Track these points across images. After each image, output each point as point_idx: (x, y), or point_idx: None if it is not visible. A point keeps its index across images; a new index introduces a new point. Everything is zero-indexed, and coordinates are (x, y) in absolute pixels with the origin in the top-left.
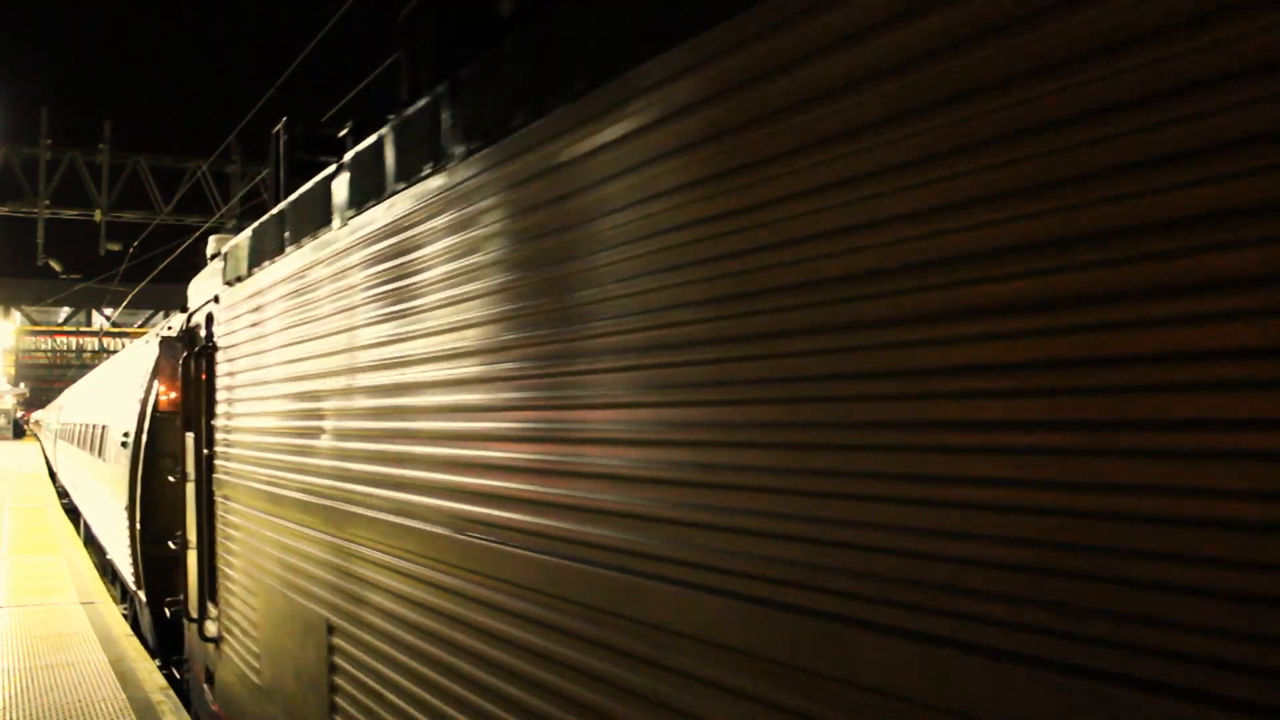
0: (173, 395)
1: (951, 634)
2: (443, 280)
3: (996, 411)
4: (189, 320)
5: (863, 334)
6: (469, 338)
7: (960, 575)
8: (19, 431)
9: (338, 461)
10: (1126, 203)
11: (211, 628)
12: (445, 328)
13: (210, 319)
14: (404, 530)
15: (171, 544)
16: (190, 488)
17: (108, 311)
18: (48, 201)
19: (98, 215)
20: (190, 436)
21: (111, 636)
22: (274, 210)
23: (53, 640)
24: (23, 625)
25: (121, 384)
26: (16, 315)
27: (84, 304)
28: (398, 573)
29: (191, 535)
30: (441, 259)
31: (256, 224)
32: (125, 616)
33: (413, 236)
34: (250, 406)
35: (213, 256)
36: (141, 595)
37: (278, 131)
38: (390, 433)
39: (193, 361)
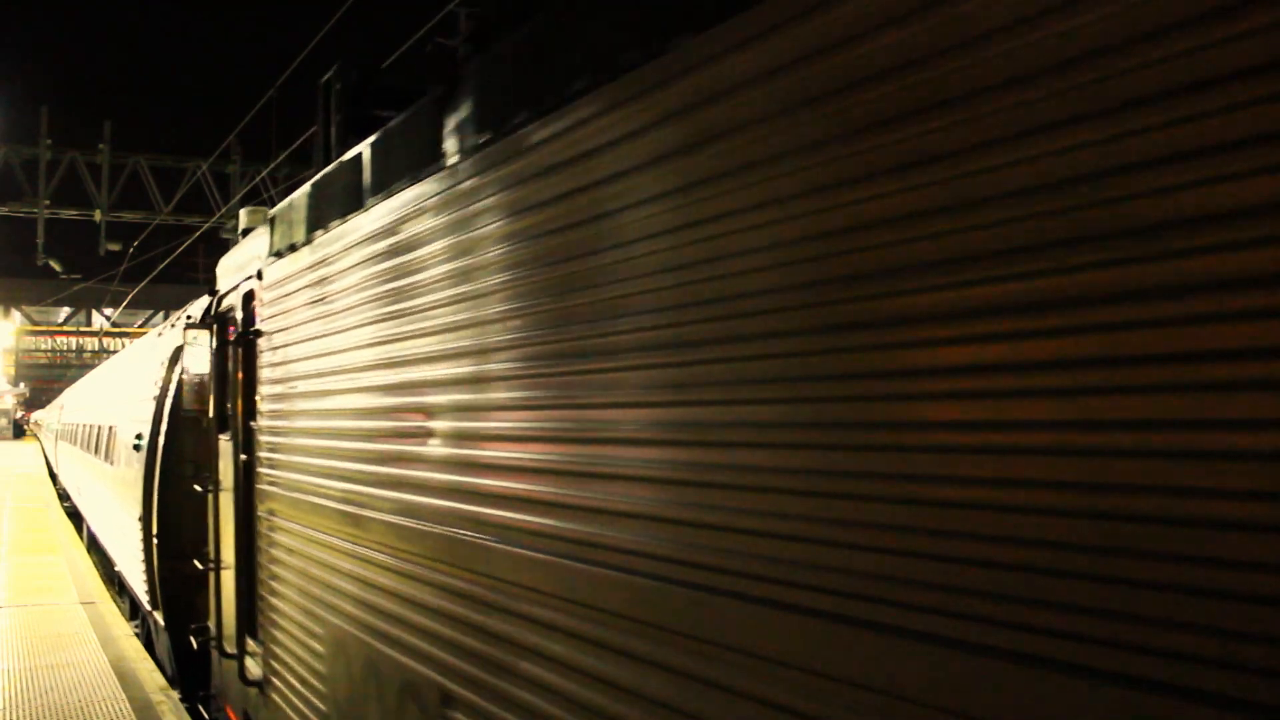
0: (198, 392)
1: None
2: (672, 220)
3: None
4: (218, 304)
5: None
6: (722, 292)
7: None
8: (19, 431)
9: (468, 477)
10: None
11: (254, 668)
12: (671, 284)
13: (249, 300)
14: (582, 577)
15: (198, 563)
16: (224, 499)
17: (108, 311)
18: (48, 201)
19: (98, 215)
20: (223, 440)
21: (111, 636)
22: (346, 156)
23: (53, 640)
24: (23, 625)
25: (132, 381)
26: (16, 315)
27: (84, 304)
28: (575, 637)
29: (228, 554)
30: (670, 189)
31: (317, 178)
32: (136, 634)
33: (609, 165)
34: (313, 404)
35: (244, 231)
36: (158, 618)
37: (328, 80)
38: (572, 435)
39: (229, 351)
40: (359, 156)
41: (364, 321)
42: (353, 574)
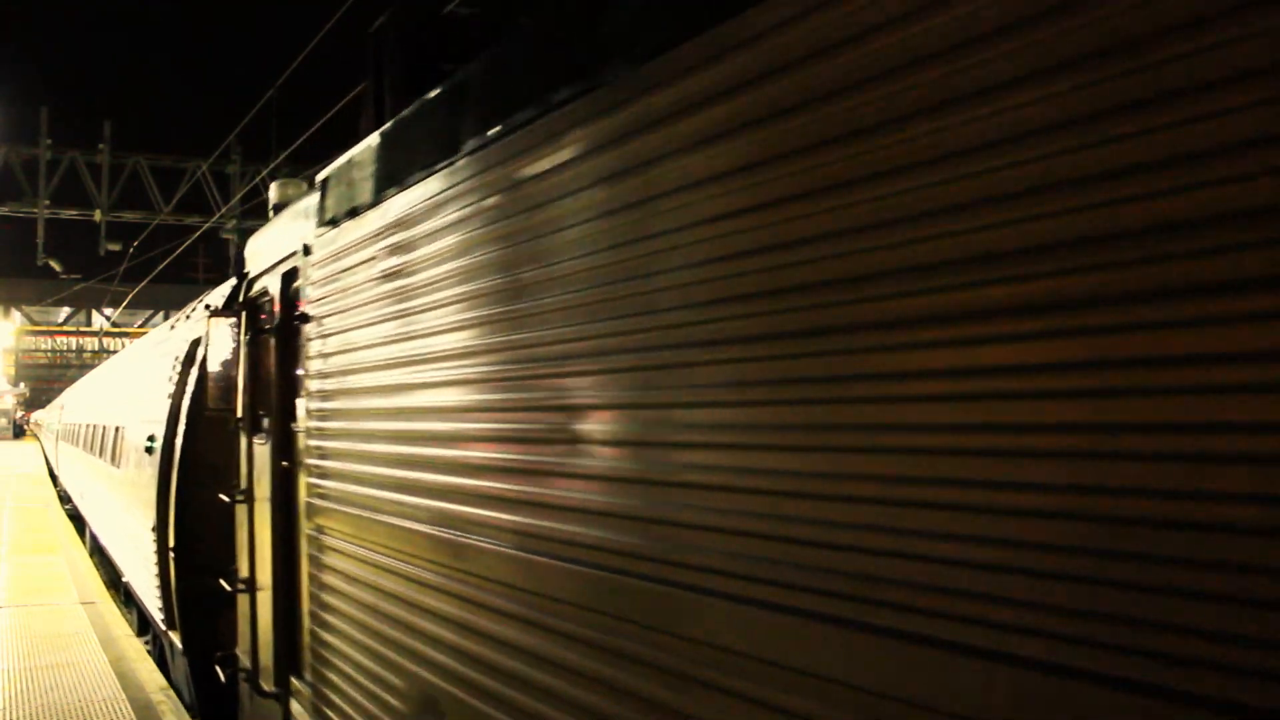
0: (223, 388)
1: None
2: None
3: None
4: (248, 288)
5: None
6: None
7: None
8: (19, 432)
9: (650, 500)
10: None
11: (302, 714)
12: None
13: (290, 281)
14: (848, 645)
15: (225, 584)
16: (259, 511)
17: (108, 311)
18: (48, 201)
19: (98, 215)
20: (258, 444)
21: (111, 636)
22: (432, 95)
23: (53, 640)
24: (23, 625)
25: (142, 378)
26: (16, 315)
27: (84, 304)
28: None
29: (264, 575)
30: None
31: (388, 127)
32: (150, 652)
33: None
34: (387, 400)
35: (276, 207)
36: (175, 639)
37: (381, 27)
38: (833, 440)
39: (264, 341)
40: (457, 89)
41: (467, 295)
42: (451, 618)
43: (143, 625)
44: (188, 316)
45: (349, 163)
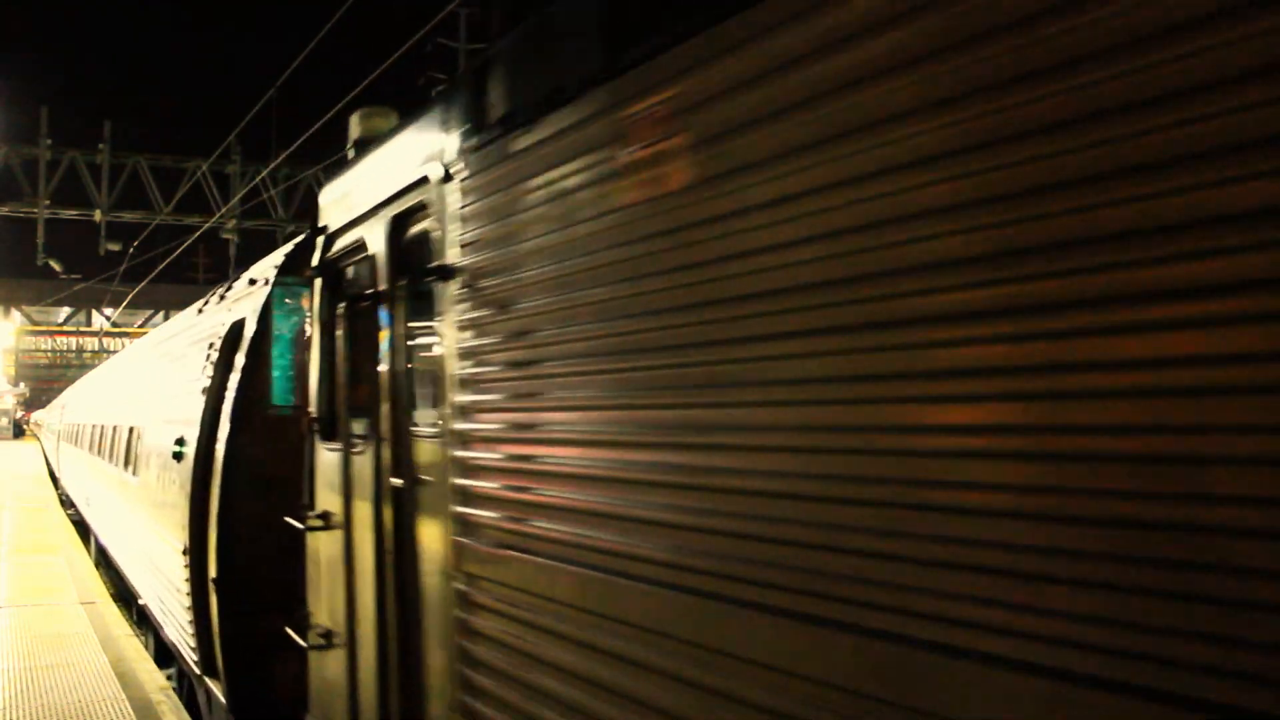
0: (294, 380)
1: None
2: None
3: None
4: (326, 246)
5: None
6: None
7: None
8: (19, 431)
9: None
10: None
11: None
12: None
13: (406, 224)
14: None
15: (295, 635)
16: (358, 543)
17: (108, 311)
18: (48, 201)
19: (98, 215)
20: (356, 455)
21: (111, 636)
22: None
23: (53, 640)
24: (23, 625)
25: (165, 371)
26: (16, 315)
27: (84, 304)
28: None
29: (366, 631)
30: None
31: None
32: (175, 690)
33: None
34: (638, 398)
35: (359, 144)
36: (216, 690)
37: None
38: None
39: (374, 309)
40: None
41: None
42: None
43: (160, 652)
44: (221, 297)
45: (538, 29)
